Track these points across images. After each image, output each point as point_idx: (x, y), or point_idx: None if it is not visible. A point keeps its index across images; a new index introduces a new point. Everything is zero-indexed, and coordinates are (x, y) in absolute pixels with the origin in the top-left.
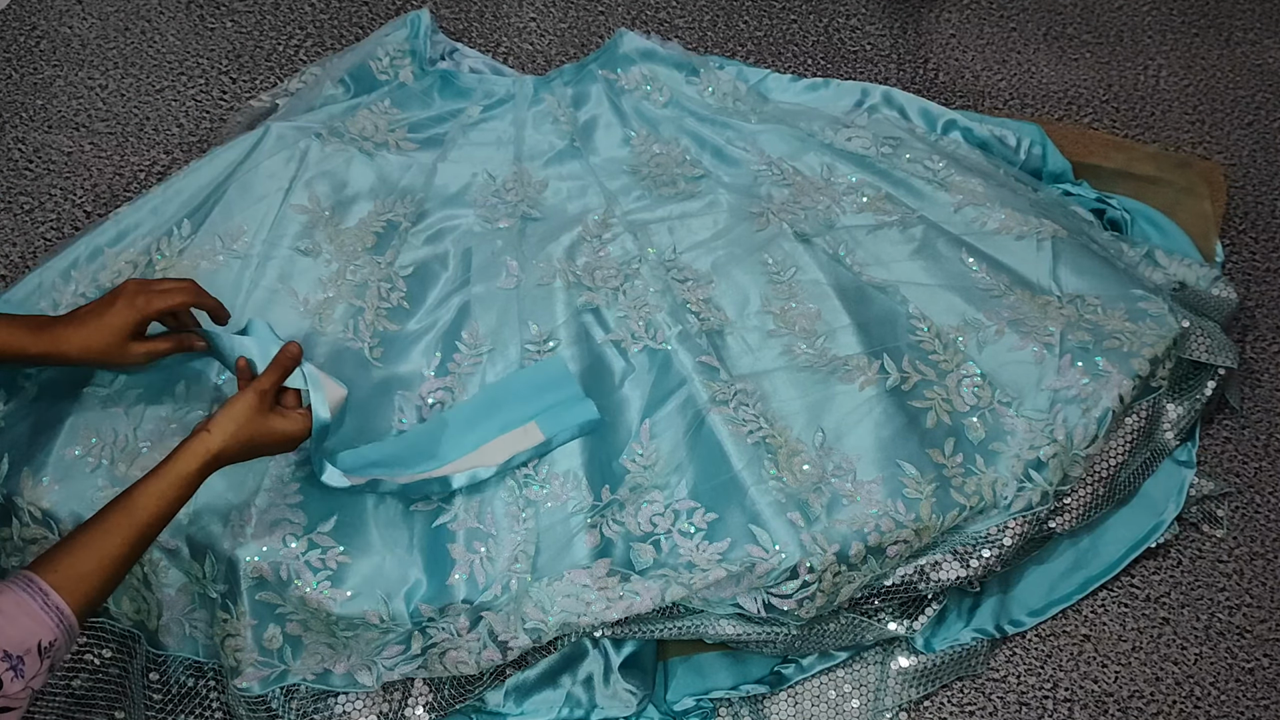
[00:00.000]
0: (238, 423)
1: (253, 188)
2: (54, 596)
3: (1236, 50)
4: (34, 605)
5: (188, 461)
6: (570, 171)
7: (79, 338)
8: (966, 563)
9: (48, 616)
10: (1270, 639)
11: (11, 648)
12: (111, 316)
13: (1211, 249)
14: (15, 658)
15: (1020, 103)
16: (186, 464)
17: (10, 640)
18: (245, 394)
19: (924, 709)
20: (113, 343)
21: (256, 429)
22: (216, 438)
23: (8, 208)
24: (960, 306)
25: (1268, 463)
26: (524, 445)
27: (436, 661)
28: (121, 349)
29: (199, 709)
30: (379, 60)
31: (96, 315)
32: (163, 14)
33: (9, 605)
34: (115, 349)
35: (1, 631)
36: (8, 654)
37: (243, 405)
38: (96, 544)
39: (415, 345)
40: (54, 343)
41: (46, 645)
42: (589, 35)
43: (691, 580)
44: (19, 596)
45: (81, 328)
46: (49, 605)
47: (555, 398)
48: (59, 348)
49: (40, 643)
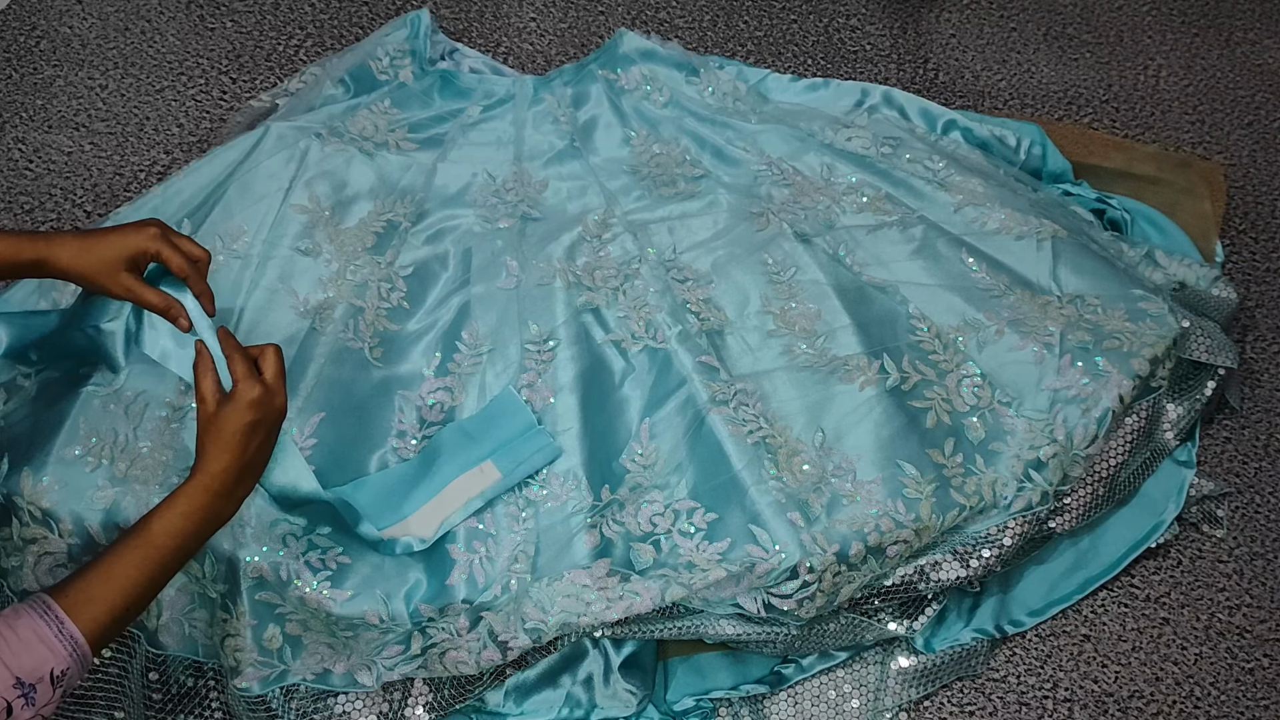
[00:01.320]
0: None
1: (253, 188)
2: (69, 625)
3: (1236, 50)
4: (49, 633)
5: (191, 496)
6: (570, 171)
7: (74, 246)
8: (966, 563)
9: (62, 645)
10: (1270, 639)
11: (25, 675)
12: (118, 237)
13: (1211, 249)
14: (28, 685)
15: (1020, 103)
16: (190, 499)
17: (24, 668)
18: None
19: (924, 709)
20: (106, 261)
21: (225, 428)
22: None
23: (8, 208)
24: (960, 306)
25: (1268, 463)
26: (481, 486)
27: (436, 661)
28: (112, 272)
29: (199, 709)
30: (379, 60)
31: (101, 234)
32: (163, 14)
33: (25, 631)
34: (106, 269)
35: (16, 658)
36: (20, 681)
37: (201, 421)
38: (117, 572)
39: (415, 345)
40: (47, 247)
41: (59, 674)
42: (589, 35)
43: (691, 580)
44: (35, 623)
45: (80, 239)
46: (64, 634)
47: (510, 431)
48: (51, 252)
49: (53, 671)
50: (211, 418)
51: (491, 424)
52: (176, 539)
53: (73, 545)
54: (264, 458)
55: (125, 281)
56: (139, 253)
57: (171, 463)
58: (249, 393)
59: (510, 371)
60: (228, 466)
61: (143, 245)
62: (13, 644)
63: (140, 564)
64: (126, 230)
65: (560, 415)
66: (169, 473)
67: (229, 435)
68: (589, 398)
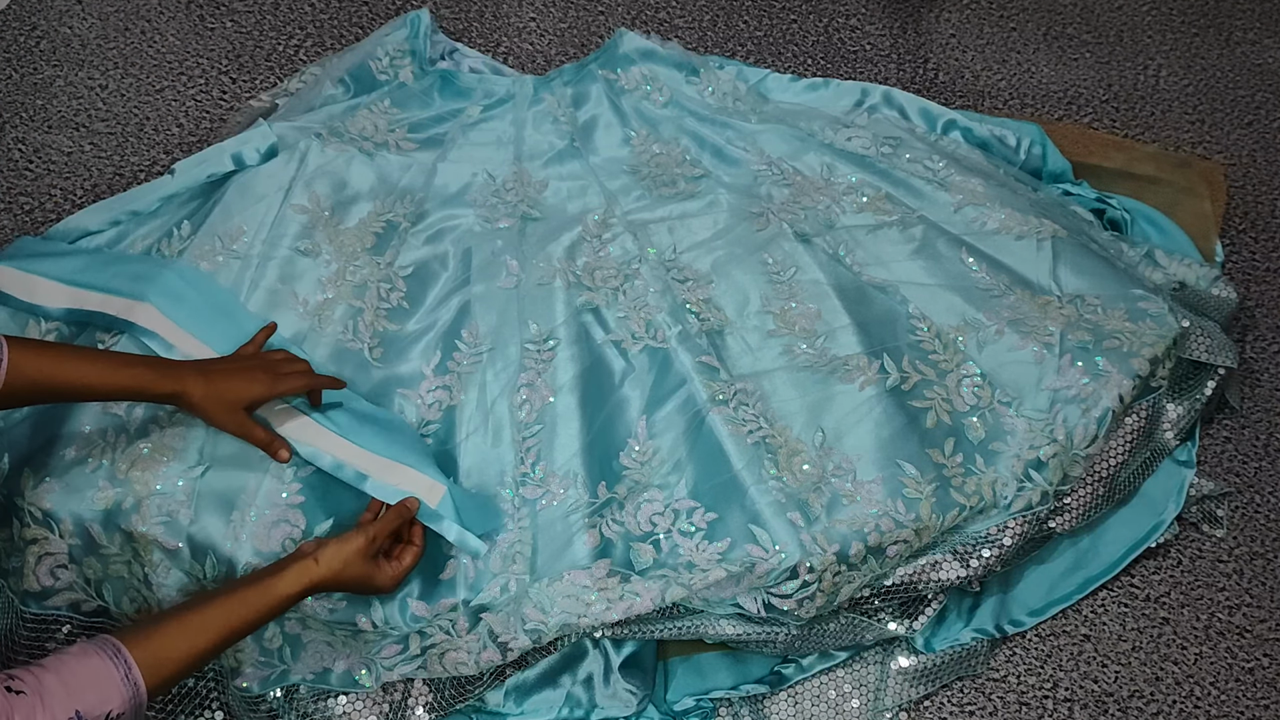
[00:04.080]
0: (345, 562)
1: (252, 188)
2: (135, 672)
3: (1236, 50)
4: (116, 675)
5: (289, 584)
6: (570, 171)
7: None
8: (966, 563)
9: (124, 689)
10: (1270, 639)
11: (86, 709)
12: (243, 380)
13: (1211, 249)
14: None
15: (1020, 103)
16: (288, 586)
17: (86, 703)
18: (358, 536)
19: (924, 709)
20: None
21: (357, 573)
22: (322, 570)
23: (8, 208)
24: (960, 306)
25: (1268, 463)
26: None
27: (436, 662)
28: (230, 412)
29: (199, 709)
30: (379, 60)
31: (228, 370)
32: (163, 14)
33: (96, 669)
34: (224, 409)
35: (82, 693)
36: (80, 715)
37: (353, 548)
38: (190, 635)
39: (415, 345)
40: (179, 382)
41: (115, 716)
42: (589, 35)
43: (691, 580)
44: (105, 664)
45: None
46: (129, 679)
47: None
48: (184, 387)
49: (110, 713)
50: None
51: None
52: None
53: (73, 546)
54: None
55: (239, 420)
56: (260, 400)
57: (172, 463)
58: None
59: (510, 370)
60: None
61: (264, 393)
62: (81, 677)
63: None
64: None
65: (560, 414)
66: (170, 472)
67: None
68: (589, 397)
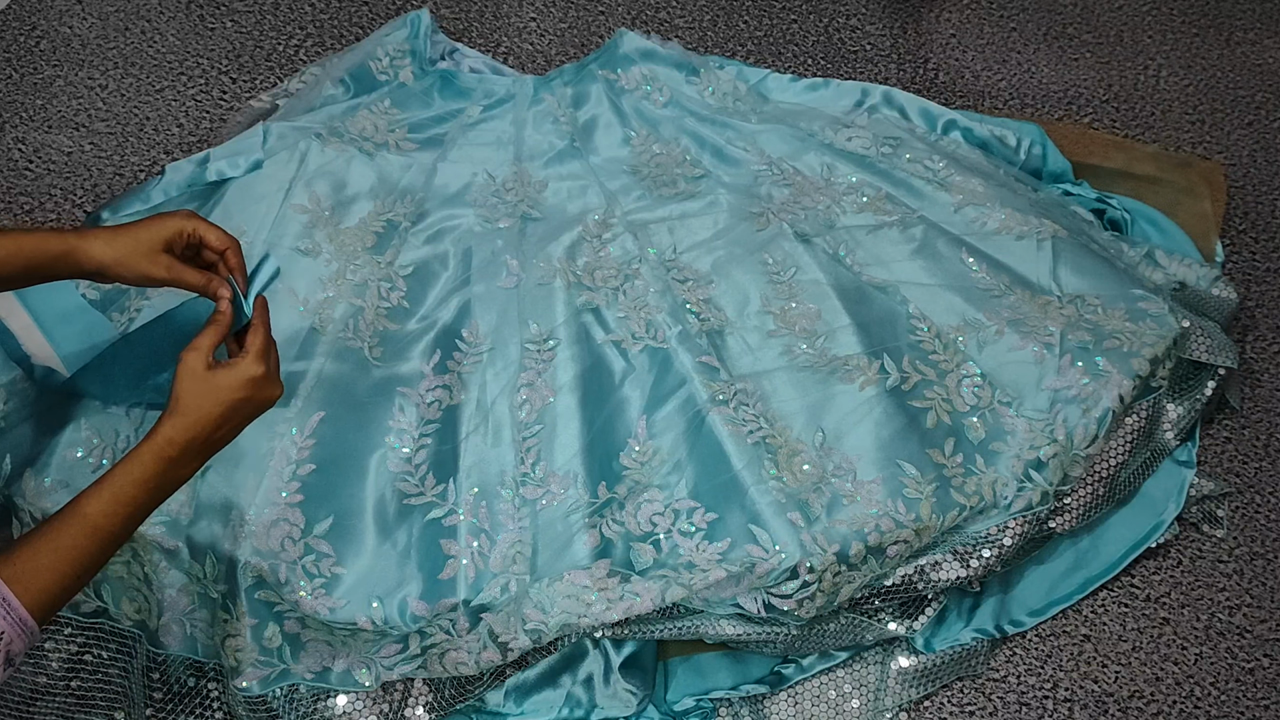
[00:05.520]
0: (191, 395)
1: (253, 188)
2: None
3: (1236, 50)
4: None
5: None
6: (570, 171)
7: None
8: (966, 563)
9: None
10: (1270, 639)
11: None
12: (152, 223)
13: (1211, 249)
14: None
15: (1020, 103)
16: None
17: None
18: (181, 362)
19: (924, 709)
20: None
21: (216, 390)
22: (172, 424)
23: (8, 208)
24: (960, 306)
25: (1268, 463)
26: None
27: (436, 662)
28: (150, 256)
29: (199, 709)
30: (379, 60)
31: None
32: (163, 14)
33: None
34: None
35: None
36: None
37: (187, 373)
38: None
39: (415, 344)
40: (77, 238)
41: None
42: (589, 35)
43: (691, 580)
44: None
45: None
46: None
47: None
48: (81, 242)
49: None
50: (203, 375)
51: None
52: (129, 507)
53: None
54: (228, 441)
55: (165, 261)
56: (176, 234)
57: None
58: (254, 369)
59: (510, 370)
60: (197, 435)
61: (179, 226)
62: None
63: (92, 534)
64: (160, 216)
65: (560, 414)
66: None
67: (216, 400)
68: (589, 397)
